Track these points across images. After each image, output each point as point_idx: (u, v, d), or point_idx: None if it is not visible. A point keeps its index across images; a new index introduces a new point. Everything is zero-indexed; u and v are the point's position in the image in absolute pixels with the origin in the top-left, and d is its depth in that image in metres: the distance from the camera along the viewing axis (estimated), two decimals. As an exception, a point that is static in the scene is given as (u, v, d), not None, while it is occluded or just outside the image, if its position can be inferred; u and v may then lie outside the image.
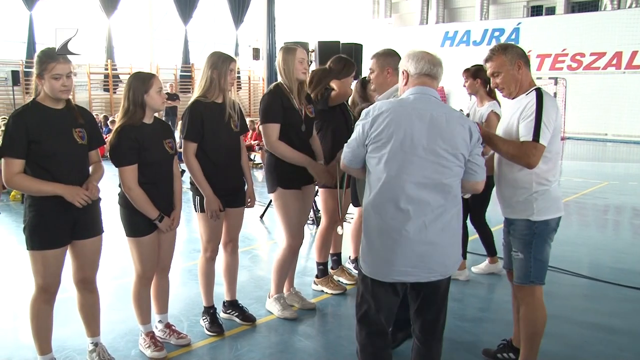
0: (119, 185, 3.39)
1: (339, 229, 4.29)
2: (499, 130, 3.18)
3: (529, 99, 2.97)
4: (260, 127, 3.95)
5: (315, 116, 4.08)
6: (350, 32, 22.00)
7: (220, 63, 3.61)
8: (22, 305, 3.28)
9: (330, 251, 4.92)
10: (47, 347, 3.29)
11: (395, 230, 2.51)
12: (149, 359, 3.52)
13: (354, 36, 18.14)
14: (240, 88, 23.23)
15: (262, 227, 7.21)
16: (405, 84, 2.72)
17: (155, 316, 3.72)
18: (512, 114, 3.05)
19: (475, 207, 4.89)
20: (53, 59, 2.98)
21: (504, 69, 3.04)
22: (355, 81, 5.07)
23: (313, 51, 7.34)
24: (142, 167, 3.33)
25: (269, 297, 4.30)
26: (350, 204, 4.89)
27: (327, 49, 6.72)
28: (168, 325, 3.77)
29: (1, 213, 2.93)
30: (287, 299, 4.29)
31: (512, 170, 3.04)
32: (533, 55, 19.33)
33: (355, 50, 7.23)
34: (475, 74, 4.82)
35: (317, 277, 4.78)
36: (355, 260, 5.25)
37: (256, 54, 22.10)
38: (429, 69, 2.66)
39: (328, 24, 23.84)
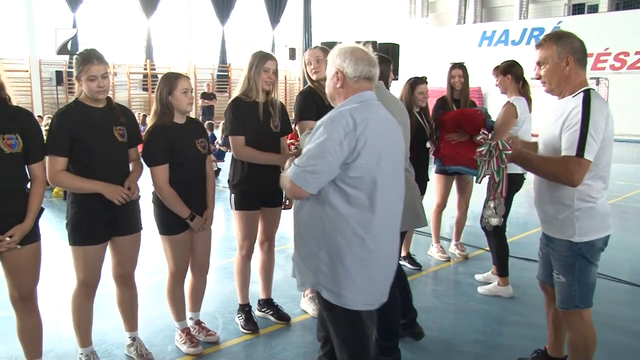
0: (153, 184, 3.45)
1: None
2: (540, 138, 2.88)
3: (575, 103, 2.62)
4: (296, 126, 3.98)
5: None
6: (386, 31, 21.91)
7: (256, 62, 3.65)
8: (64, 299, 3.36)
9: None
10: (87, 340, 3.39)
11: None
12: (185, 355, 3.58)
13: (390, 36, 18.06)
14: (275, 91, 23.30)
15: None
16: (342, 86, 2.41)
17: (187, 313, 3.77)
18: (556, 119, 2.70)
19: None
20: (88, 61, 3.05)
21: (550, 60, 2.70)
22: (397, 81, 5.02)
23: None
24: (174, 166, 3.37)
25: (304, 297, 4.32)
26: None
27: (364, 49, 6.70)
28: (198, 322, 3.82)
29: (45, 209, 3.00)
30: (322, 298, 4.29)
31: (551, 183, 2.72)
32: (574, 54, 18.89)
33: (392, 50, 7.20)
34: (505, 70, 4.59)
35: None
36: (407, 258, 5.26)
37: (292, 54, 22.23)
38: (369, 72, 2.41)
39: (364, 24, 23.78)
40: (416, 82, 4.92)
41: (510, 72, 4.55)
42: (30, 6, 17.44)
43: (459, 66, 5.25)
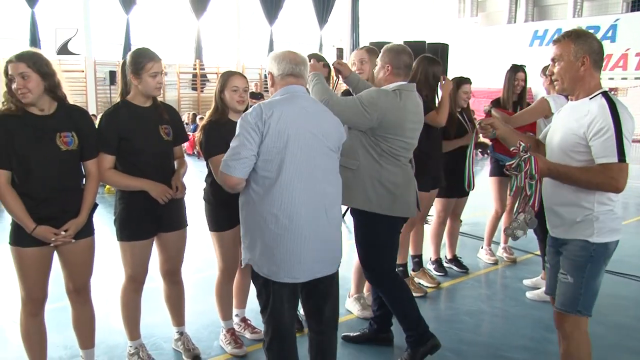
0: (205, 181, 3.50)
1: None
2: (553, 136, 2.77)
3: (593, 106, 2.54)
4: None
5: None
6: (435, 31, 21.65)
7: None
8: (115, 293, 3.46)
9: (411, 253, 4.87)
10: (136, 333, 3.47)
11: None
12: (229, 355, 3.63)
13: (439, 36, 17.83)
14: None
15: (344, 226, 7.24)
16: (272, 85, 2.81)
17: (233, 310, 3.81)
18: (575, 119, 2.60)
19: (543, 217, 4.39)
20: (151, 58, 3.13)
21: (565, 58, 2.61)
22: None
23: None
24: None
25: (349, 297, 4.32)
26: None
27: (413, 49, 6.64)
28: (244, 320, 3.87)
29: (98, 205, 3.10)
30: (367, 299, 4.29)
31: (570, 187, 2.63)
32: (632, 53, 18.26)
33: (441, 50, 7.12)
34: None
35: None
36: (436, 262, 5.17)
37: (340, 54, 22.20)
38: (292, 69, 2.73)
39: (413, 24, 23.57)
40: (461, 82, 4.83)
41: None
42: (87, 9, 18.01)
43: (523, 69, 5.09)
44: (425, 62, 4.33)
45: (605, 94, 2.58)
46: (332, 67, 3.65)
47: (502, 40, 20.99)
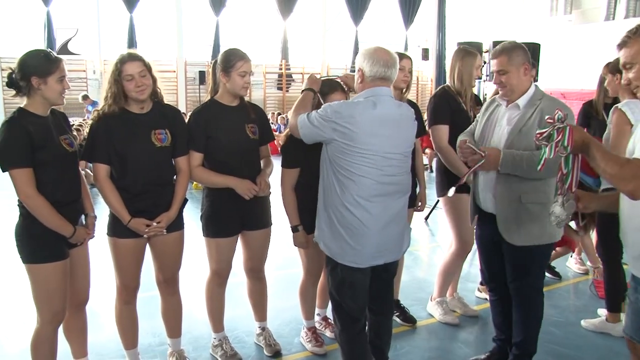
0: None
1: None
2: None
3: None
4: (429, 130, 3.91)
5: None
6: (526, 30, 20.88)
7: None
8: (200, 286, 3.58)
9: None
10: (219, 326, 3.58)
11: None
12: (309, 352, 3.67)
13: (530, 35, 17.18)
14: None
15: (426, 229, 7.16)
16: (361, 81, 2.82)
17: (315, 309, 3.85)
18: None
19: (607, 234, 3.74)
20: (242, 57, 3.20)
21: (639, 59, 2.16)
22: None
23: (487, 51, 7.10)
24: (303, 171, 3.32)
25: (431, 300, 4.25)
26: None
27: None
28: (325, 319, 3.89)
29: (188, 200, 3.23)
30: (450, 304, 4.21)
31: None
32: None
33: (532, 50, 6.85)
34: (615, 67, 3.72)
35: (481, 284, 4.63)
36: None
37: (425, 54, 21.90)
38: (383, 72, 2.75)
39: (502, 23, 22.85)
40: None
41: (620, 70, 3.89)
42: (180, 11, 18.76)
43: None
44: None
45: None
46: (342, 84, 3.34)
47: (598, 39, 19.90)
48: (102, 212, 3.13)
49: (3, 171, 2.66)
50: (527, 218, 2.96)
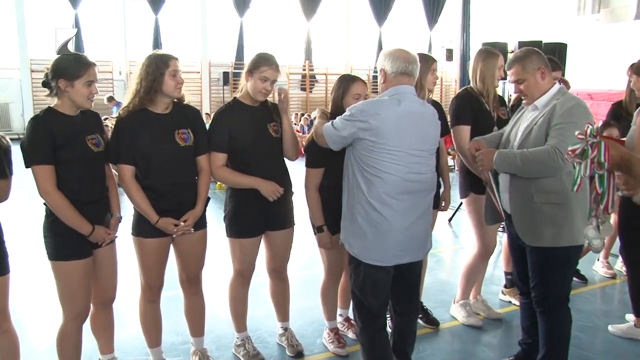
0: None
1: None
2: None
3: None
4: (451, 130, 3.88)
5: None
6: (552, 30, 20.59)
7: (423, 63, 3.61)
8: (223, 286, 3.60)
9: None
10: (242, 326, 3.59)
11: None
12: (331, 353, 3.67)
13: (557, 35, 16.95)
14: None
15: (450, 230, 7.11)
16: (384, 81, 2.85)
17: (337, 309, 3.84)
18: None
19: (631, 238, 3.65)
20: (268, 62, 3.20)
21: None
22: None
23: (512, 52, 7.02)
24: (326, 172, 3.35)
25: (454, 303, 4.22)
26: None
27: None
28: (347, 319, 3.89)
29: (210, 198, 3.25)
30: (473, 306, 4.17)
31: None
32: None
33: (559, 50, 6.76)
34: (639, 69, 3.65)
35: (505, 287, 4.58)
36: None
37: (449, 55, 21.75)
38: (405, 68, 2.78)
39: (528, 23, 22.57)
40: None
41: None
42: (204, 13, 18.94)
43: None
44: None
45: None
46: None
47: (627, 38, 19.54)
48: (126, 212, 3.17)
49: (27, 167, 2.72)
50: (540, 218, 2.90)
